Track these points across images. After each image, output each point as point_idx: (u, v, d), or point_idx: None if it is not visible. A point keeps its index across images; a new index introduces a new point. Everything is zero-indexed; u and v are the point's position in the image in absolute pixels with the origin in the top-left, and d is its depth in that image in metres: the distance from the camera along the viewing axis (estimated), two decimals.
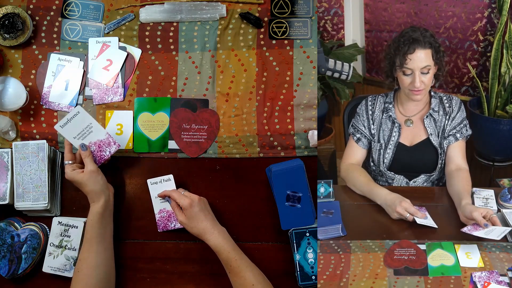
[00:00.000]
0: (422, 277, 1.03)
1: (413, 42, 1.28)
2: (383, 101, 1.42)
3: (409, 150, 1.39)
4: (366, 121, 1.42)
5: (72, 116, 1.12)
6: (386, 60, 1.38)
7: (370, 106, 1.43)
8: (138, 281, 1.18)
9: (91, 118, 1.14)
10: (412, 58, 1.28)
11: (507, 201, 1.21)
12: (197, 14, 1.25)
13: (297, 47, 1.25)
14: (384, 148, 1.40)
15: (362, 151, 1.43)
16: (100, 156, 1.15)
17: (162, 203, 1.18)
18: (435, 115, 1.37)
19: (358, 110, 1.45)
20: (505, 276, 1.01)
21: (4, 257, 1.16)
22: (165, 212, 1.19)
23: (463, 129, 1.37)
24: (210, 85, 1.25)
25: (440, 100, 1.39)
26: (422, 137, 1.39)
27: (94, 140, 1.15)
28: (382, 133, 1.40)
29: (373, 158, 1.43)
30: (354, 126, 1.44)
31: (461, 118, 1.38)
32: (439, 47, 1.32)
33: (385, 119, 1.41)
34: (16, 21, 1.23)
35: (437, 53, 1.31)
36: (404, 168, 1.40)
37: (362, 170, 1.38)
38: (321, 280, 1.05)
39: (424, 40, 1.28)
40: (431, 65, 1.30)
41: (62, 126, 1.12)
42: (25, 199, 1.17)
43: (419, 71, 1.29)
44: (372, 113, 1.42)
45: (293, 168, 1.17)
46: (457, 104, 1.38)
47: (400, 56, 1.30)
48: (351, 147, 1.44)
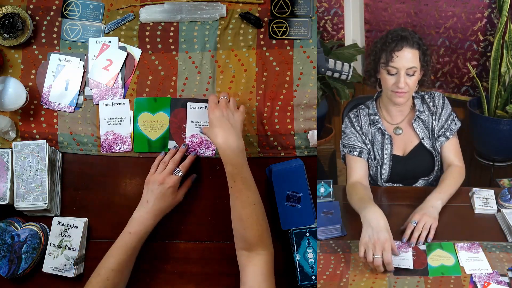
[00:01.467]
0: (422, 277, 1.02)
1: (402, 40, 1.25)
2: (366, 114, 1.37)
3: (404, 160, 1.36)
4: (360, 137, 1.35)
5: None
6: (370, 57, 1.33)
7: (356, 122, 1.36)
8: (138, 281, 1.18)
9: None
10: (399, 56, 1.24)
11: (507, 201, 1.21)
12: (197, 14, 1.25)
13: (297, 47, 1.25)
14: (381, 164, 1.36)
15: (365, 164, 1.35)
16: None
17: (196, 128, 1.21)
18: (422, 116, 1.34)
19: (344, 128, 1.38)
20: (505, 276, 1.01)
21: (4, 257, 1.16)
22: (196, 138, 1.21)
23: (451, 125, 1.34)
24: (210, 85, 1.25)
25: (422, 99, 1.35)
26: (414, 143, 1.35)
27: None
28: (376, 148, 1.36)
29: (370, 174, 1.39)
30: (347, 145, 1.36)
31: (447, 114, 1.34)
32: (427, 50, 1.28)
33: (374, 132, 1.35)
34: (16, 21, 1.23)
35: (424, 56, 1.27)
36: (401, 178, 1.38)
37: (359, 188, 1.28)
38: (321, 280, 1.05)
39: (413, 40, 1.25)
40: (417, 68, 1.26)
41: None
42: (25, 199, 1.17)
43: (405, 71, 1.25)
44: (361, 128, 1.36)
45: (293, 168, 1.17)
46: (440, 100, 1.35)
47: (387, 52, 1.26)
48: (353, 163, 1.34)
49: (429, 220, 1.14)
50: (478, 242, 1.10)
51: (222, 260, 1.20)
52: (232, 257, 1.19)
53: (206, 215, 1.21)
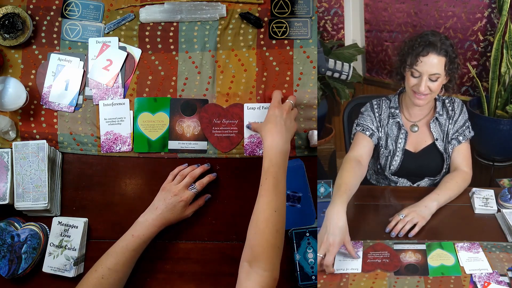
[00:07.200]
0: (422, 277, 1.02)
1: (429, 45, 1.24)
2: (388, 106, 1.38)
3: (415, 157, 1.37)
4: (375, 122, 1.37)
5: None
6: (398, 57, 1.33)
7: (377, 109, 1.38)
8: (138, 281, 1.18)
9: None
10: (424, 61, 1.24)
11: (507, 201, 1.21)
12: (197, 14, 1.25)
13: (297, 47, 1.25)
14: (392, 155, 1.37)
15: (371, 146, 1.35)
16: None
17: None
18: (440, 119, 1.36)
19: (363, 111, 1.39)
20: (505, 276, 1.01)
21: (4, 257, 1.16)
22: (255, 138, 1.21)
23: (465, 131, 1.35)
24: (210, 85, 1.25)
25: (443, 103, 1.37)
26: (428, 142, 1.37)
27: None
28: (390, 140, 1.37)
29: (380, 163, 1.41)
30: (361, 124, 1.37)
31: (463, 120, 1.36)
32: (455, 58, 1.27)
33: (391, 125, 1.37)
34: (16, 21, 1.23)
35: (451, 64, 1.26)
36: (408, 173, 1.39)
37: (352, 167, 1.25)
38: (321, 280, 1.05)
39: (441, 46, 1.24)
40: (441, 74, 1.25)
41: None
42: (25, 199, 1.17)
43: (427, 76, 1.25)
44: (380, 115, 1.37)
45: (293, 168, 1.17)
46: (459, 107, 1.36)
47: (413, 56, 1.26)
48: (361, 139, 1.34)
49: (417, 217, 1.16)
50: (478, 242, 1.10)
51: (222, 260, 1.20)
52: (232, 257, 1.19)
53: (206, 215, 1.21)
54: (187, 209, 1.16)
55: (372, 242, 1.13)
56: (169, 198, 1.13)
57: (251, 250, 0.97)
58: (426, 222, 1.16)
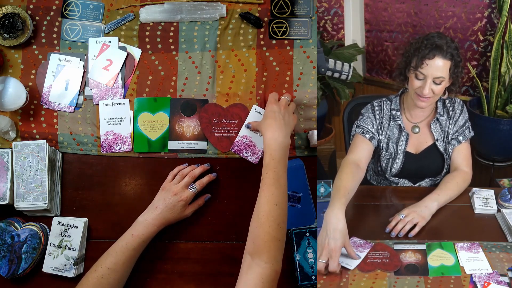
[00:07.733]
0: (422, 277, 1.02)
1: (435, 48, 1.23)
2: (389, 108, 1.37)
3: (416, 158, 1.37)
4: (376, 125, 1.36)
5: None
6: (403, 58, 1.32)
7: (378, 111, 1.37)
8: (138, 280, 1.18)
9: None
10: (429, 64, 1.23)
11: (507, 201, 1.21)
12: (197, 14, 1.25)
13: (297, 47, 1.25)
14: (393, 158, 1.37)
15: (371, 149, 1.34)
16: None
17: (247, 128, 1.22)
18: (441, 119, 1.35)
19: (364, 112, 1.38)
20: (505, 276, 1.01)
21: (4, 257, 1.16)
22: (247, 139, 1.21)
23: (465, 131, 1.35)
24: (210, 85, 1.25)
25: (444, 103, 1.37)
26: (428, 143, 1.37)
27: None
28: (391, 142, 1.37)
29: (381, 165, 1.41)
30: (362, 127, 1.36)
31: (464, 120, 1.36)
32: (460, 62, 1.26)
33: (392, 127, 1.37)
34: (16, 21, 1.23)
35: (456, 67, 1.25)
36: (409, 174, 1.39)
37: (350, 171, 1.25)
38: (321, 280, 1.05)
39: (447, 50, 1.23)
40: (446, 78, 1.24)
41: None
42: (25, 199, 1.17)
43: (432, 79, 1.24)
44: (381, 118, 1.37)
45: (293, 168, 1.17)
46: (460, 107, 1.36)
47: (418, 58, 1.25)
48: (360, 142, 1.34)
49: (417, 217, 1.16)
50: (478, 242, 1.10)
51: (222, 260, 1.20)
52: (232, 257, 1.19)
53: (206, 215, 1.21)
54: (186, 209, 1.16)
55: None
56: (169, 197, 1.13)
57: (252, 242, 0.98)
58: (426, 222, 1.17)
